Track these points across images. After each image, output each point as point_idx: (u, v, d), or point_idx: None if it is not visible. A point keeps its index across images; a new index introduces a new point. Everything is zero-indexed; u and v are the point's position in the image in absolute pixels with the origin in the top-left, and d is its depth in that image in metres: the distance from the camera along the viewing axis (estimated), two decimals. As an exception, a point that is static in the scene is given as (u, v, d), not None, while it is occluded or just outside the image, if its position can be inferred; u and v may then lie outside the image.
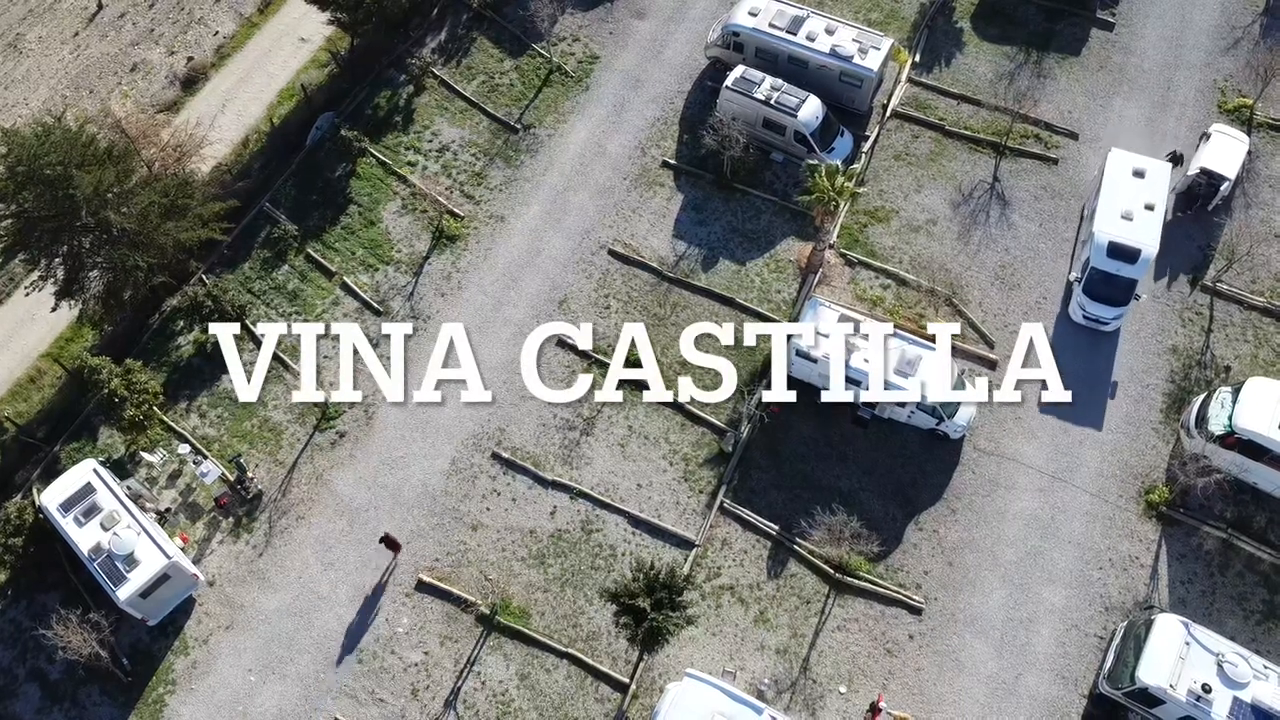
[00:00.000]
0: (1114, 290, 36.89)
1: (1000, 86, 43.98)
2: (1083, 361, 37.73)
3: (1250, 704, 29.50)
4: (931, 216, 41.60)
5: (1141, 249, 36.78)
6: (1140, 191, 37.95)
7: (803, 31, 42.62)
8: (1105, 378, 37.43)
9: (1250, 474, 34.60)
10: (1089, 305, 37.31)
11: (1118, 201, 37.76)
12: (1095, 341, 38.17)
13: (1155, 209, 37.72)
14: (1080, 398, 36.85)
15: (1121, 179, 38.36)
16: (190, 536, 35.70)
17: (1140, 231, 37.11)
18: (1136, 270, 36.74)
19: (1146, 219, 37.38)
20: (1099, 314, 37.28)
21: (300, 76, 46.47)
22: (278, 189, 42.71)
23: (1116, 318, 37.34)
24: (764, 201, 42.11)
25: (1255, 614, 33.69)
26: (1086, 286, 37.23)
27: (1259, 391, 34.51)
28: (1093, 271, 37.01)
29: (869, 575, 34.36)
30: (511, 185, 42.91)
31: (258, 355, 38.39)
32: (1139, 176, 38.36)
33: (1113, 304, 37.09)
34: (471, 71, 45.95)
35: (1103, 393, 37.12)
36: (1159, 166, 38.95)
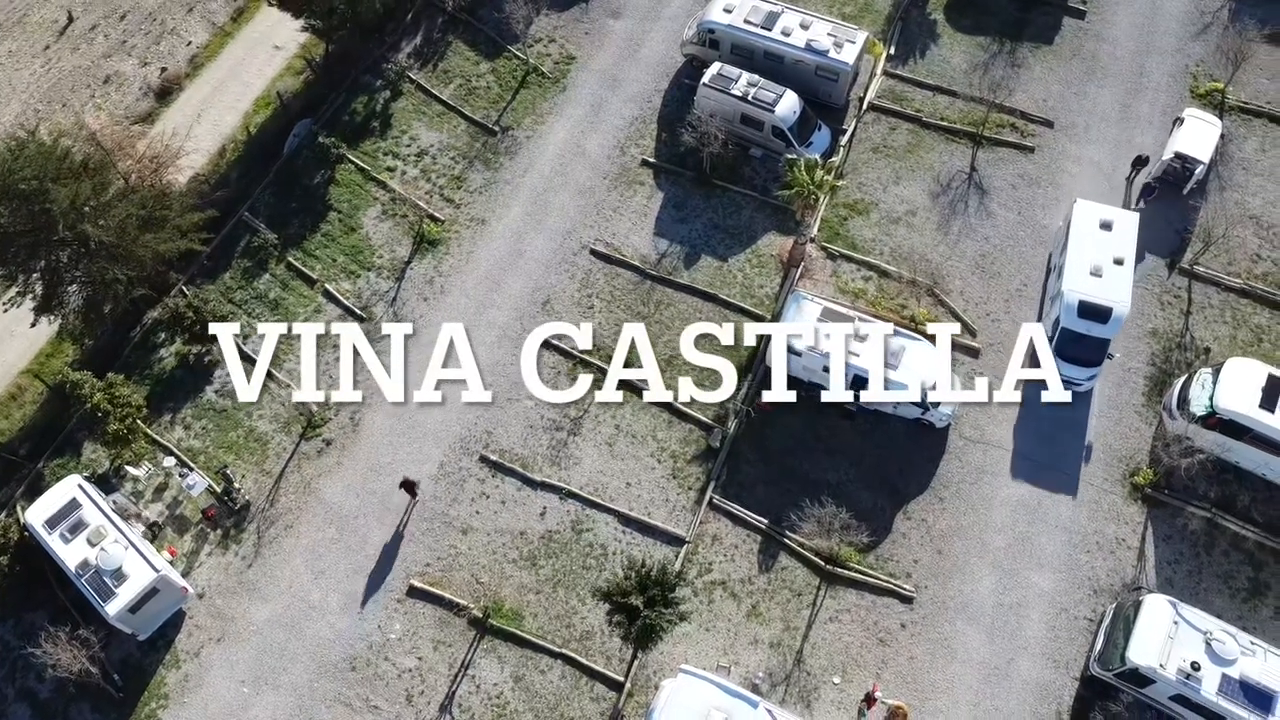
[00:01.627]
0: (1086, 351, 35.60)
1: (975, 77, 44.25)
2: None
3: (1239, 680, 29.81)
4: (911, 208, 41.82)
5: (1113, 307, 35.39)
6: (1108, 245, 36.62)
7: (778, 27, 42.76)
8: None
9: (1233, 453, 34.95)
10: (1061, 367, 35.56)
11: (1086, 256, 36.36)
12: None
13: (1125, 263, 36.33)
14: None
15: (1088, 232, 37.03)
16: (178, 549, 35.50)
17: (1111, 289, 35.68)
18: (1109, 329, 35.45)
19: (1116, 275, 36.02)
20: (1071, 375, 35.74)
21: (276, 84, 46.27)
22: (256, 198, 42.51)
23: (1090, 378, 36.12)
24: (744, 197, 42.22)
25: (1241, 591, 34.04)
26: (1058, 348, 35.67)
27: (1239, 372, 34.86)
28: (1063, 332, 35.59)
29: (859, 566, 34.52)
30: (491, 188, 42.86)
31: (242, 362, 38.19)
32: (1106, 229, 37.03)
33: (1085, 365, 35.78)
34: (448, 75, 45.86)
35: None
36: (1126, 218, 37.58)
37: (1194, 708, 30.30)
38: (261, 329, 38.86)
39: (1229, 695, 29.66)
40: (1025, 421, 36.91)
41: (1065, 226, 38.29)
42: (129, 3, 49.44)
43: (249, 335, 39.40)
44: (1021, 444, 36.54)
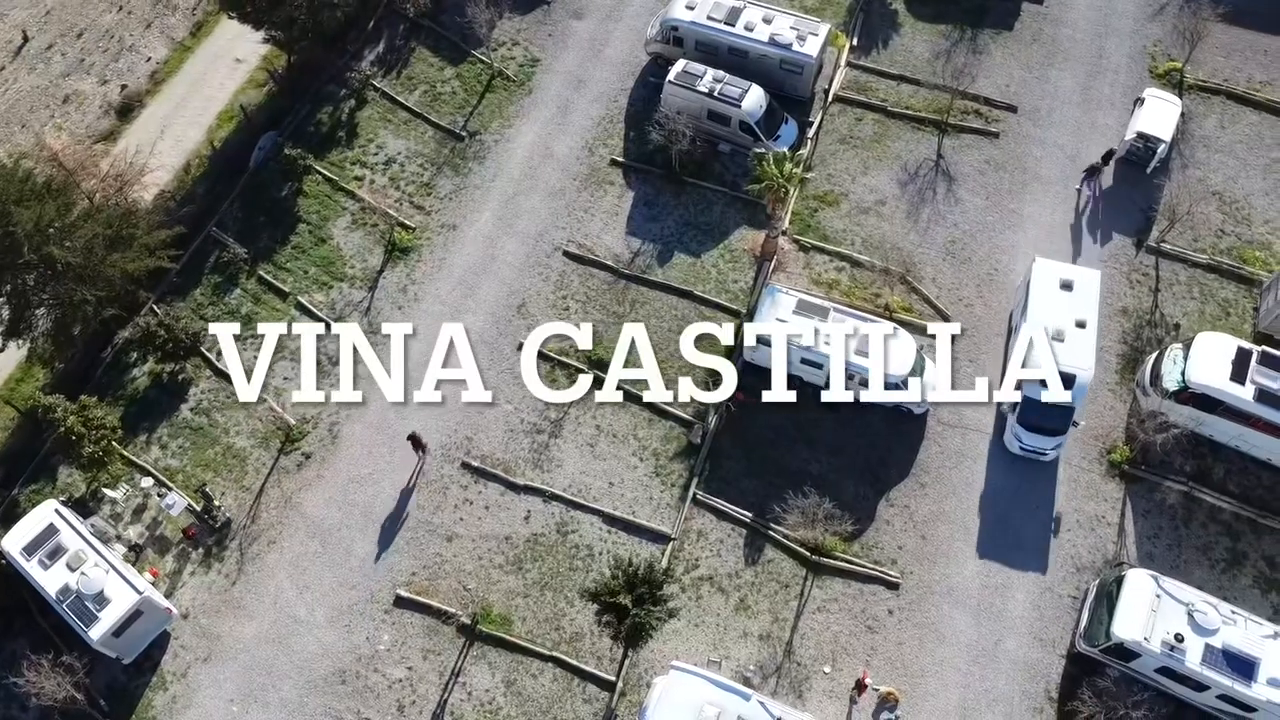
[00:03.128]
0: (1050, 420, 34.49)
1: (938, 65, 44.61)
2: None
3: (1221, 649, 30.24)
4: (880, 197, 42.10)
5: (1077, 374, 34.34)
6: (1070, 306, 35.47)
7: (741, 22, 42.91)
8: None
9: (1206, 427, 35.44)
10: (1025, 436, 34.98)
11: (1046, 319, 35.16)
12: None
13: (1088, 326, 35.24)
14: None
15: (1049, 292, 35.81)
16: (160, 570, 35.14)
17: (1073, 354, 34.62)
18: (1073, 397, 34.36)
19: (1079, 339, 34.93)
20: (1036, 445, 34.97)
21: (239, 97, 45.88)
22: (224, 212, 42.15)
23: (1055, 447, 35.07)
24: (714, 193, 42.33)
25: (1220, 562, 34.54)
26: (1021, 417, 34.82)
27: (1209, 346, 35.35)
28: (1027, 401, 34.58)
29: (845, 555, 34.71)
30: (461, 193, 42.73)
31: (219, 377, 37.94)
32: (1067, 289, 35.82)
33: (1050, 434, 34.77)
34: (413, 82, 45.66)
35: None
36: (1087, 276, 36.50)
37: (1179, 679, 30.71)
38: (262, 329, 38.62)
39: (1213, 664, 30.08)
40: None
41: (1024, 286, 37.02)
42: (85, 20, 48.86)
43: (223, 352, 39.03)
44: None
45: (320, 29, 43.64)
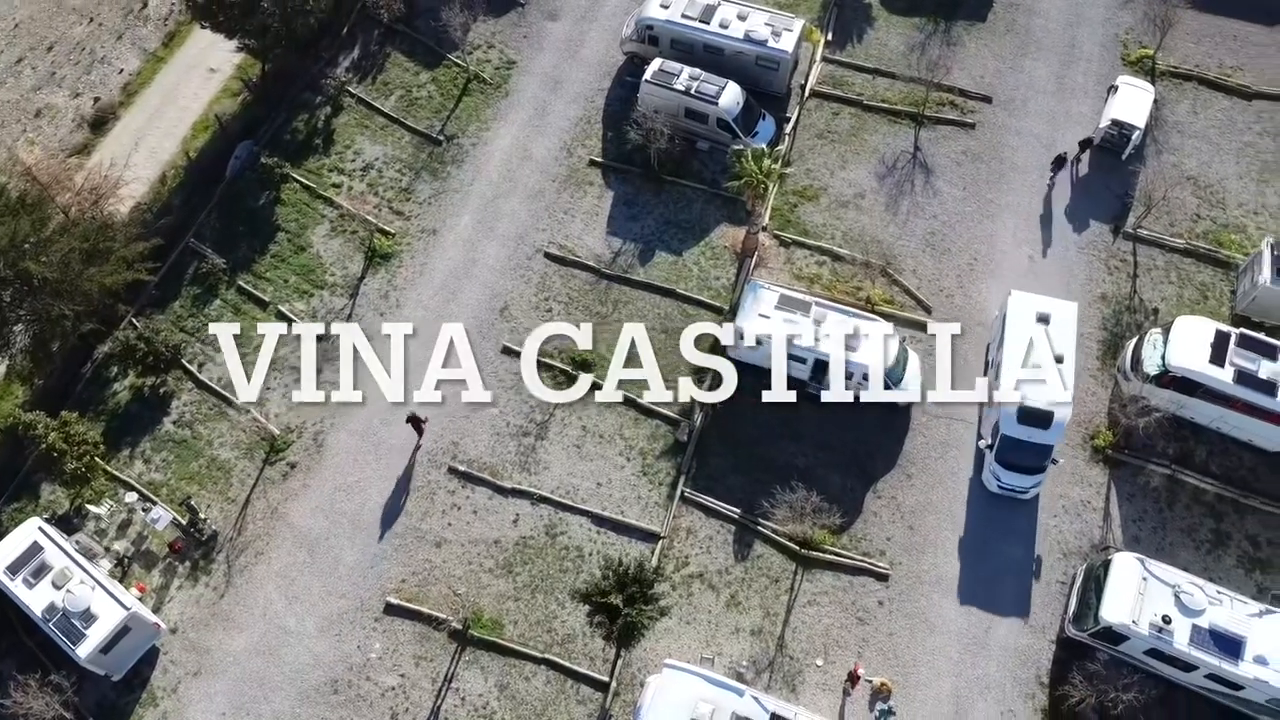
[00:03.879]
0: (1028, 458, 33.98)
1: (913, 57, 44.78)
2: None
3: (1208, 629, 30.53)
4: (859, 190, 42.24)
5: (1054, 411, 33.78)
6: (1047, 339, 34.94)
7: (715, 19, 42.97)
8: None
9: (1187, 409, 35.75)
10: (1003, 475, 34.43)
11: (1023, 354, 34.71)
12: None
13: (1065, 360, 34.67)
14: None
15: (1025, 326, 35.26)
16: (147, 585, 34.88)
17: (1052, 390, 34.05)
18: (1051, 435, 33.80)
19: (1057, 374, 34.38)
20: (1015, 484, 34.50)
21: (213, 107, 45.59)
22: (201, 223, 41.85)
23: (1034, 485, 34.56)
24: (694, 191, 42.38)
25: (1205, 543, 34.85)
26: (999, 455, 34.27)
27: (1188, 330, 35.67)
28: (1004, 439, 34.00)
29: (834, 548, 34.82)
30: (440, 197, 42.60)
31: (201, 389, 37.76)
32: (1044, 322, 35.28)
33: (1029, 472, 34.26)
34: (388, 87, 45.49)
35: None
36: (1064, 309, 35.90)
37: (1168, 660, 30.98)
38: (262, 329, 38.69)
39: (1200, 645, 30.36)
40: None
41: (1000, 319, 36.59)
42: (55, 33, 48.44)
43: (204, 364, 38.87)
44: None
45: (294, 36, 43.41)
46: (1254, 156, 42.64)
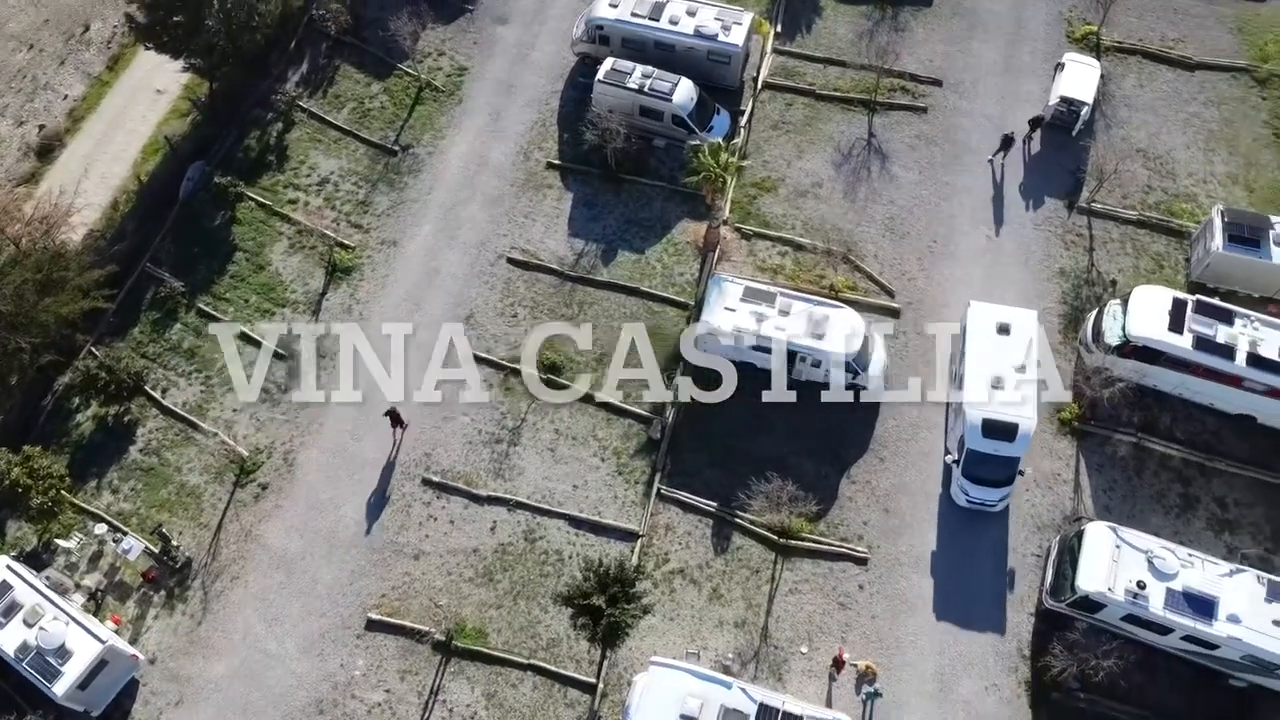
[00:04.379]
0: (995, 471, 33.78)
1: (862, 45, 45.14)
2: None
3: (1182, 592, 31.04)
4: (816, 180, 42.50)
5: (1019, 423, 33.53)
6: (1008, 351, 34.82)
7: (665, 16, 43.05)
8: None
9: (1150, 378, 36.32)
10: (971, 489, 34.24)
11: (985, 366, 34.49)
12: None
13: (1027, 370, 34.47)
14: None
15: (985, 338, 35.13)
16: (123, 617, 34.36)
17: (1015, 403, 33.95)
18: (1017, 447, 33.55)
19: (1019, 385, 34.27)
20: (983, 498, 34.29)
21: (162, 129, 44.98)
22: (157, 247, 41.29)
23: (1002, 499, 34.44)
24: (653, 188, 42.43)
25: (1174, 508, 35.45)
26: (965, 470, 34.11)
27: (1146, 299, 36.24)
28: (970, 454, 33.81)
29: (812, 535, 35.02)
30: (399, 208, 42.33)
31: (167, 416, 37.33)
32: (1004, 333, 35.16)
33: (996, 485, 34.08)
34: (340, 100, 45.13)
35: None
36: (1024, 317, 35.78)
37: (1145, 624, 31.46)
38: (262, 327, 39.12)
39: (1175, 607, 30.86)
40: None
41: (961, 331, 36.45)
42: (-6, 62, 47.59)
43: (168, 389, 38.36)
44: (951, 395, 37.50)
45: (240, 53, 42.98)
46: (1200, 126, 43.41)
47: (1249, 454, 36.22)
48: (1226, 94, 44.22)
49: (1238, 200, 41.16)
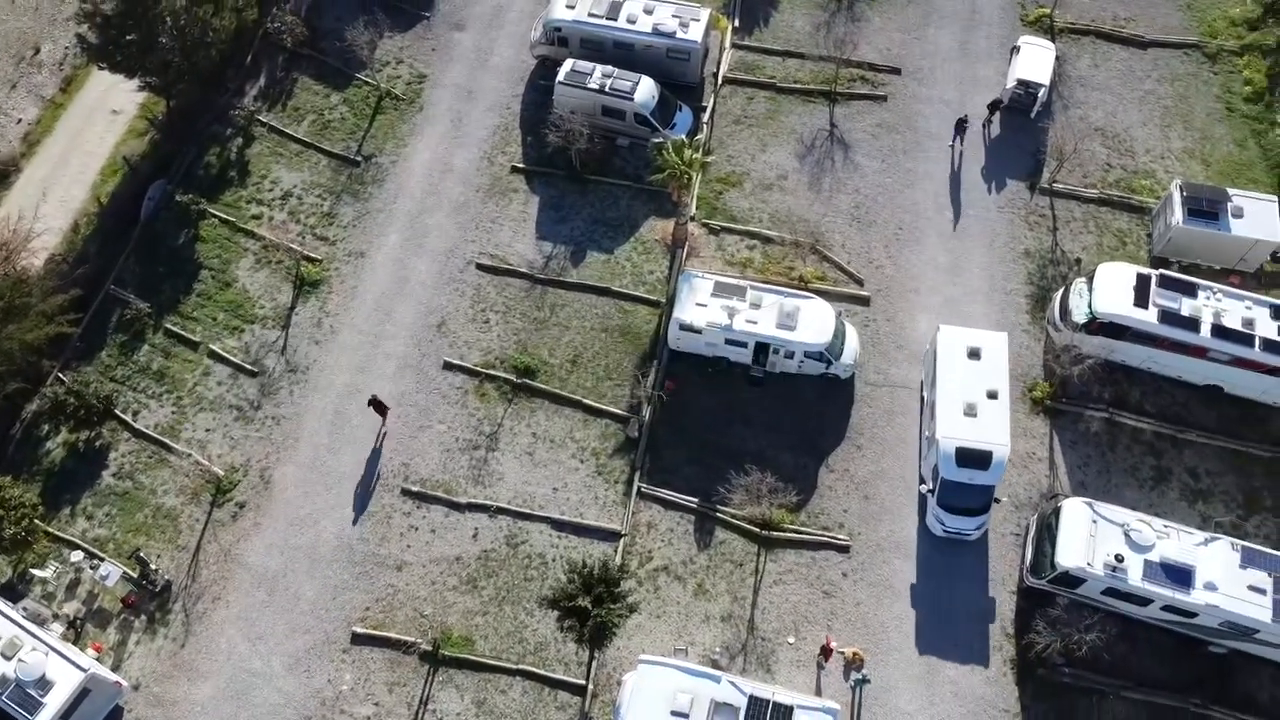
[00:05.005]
0: (970, 499, 33.36)
1: (820, 36, 45.40)
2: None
3: (1159, 563, 31.49)
4: (781, 172, 42.68)
5: (993, 451, 33.11)
6: (979, 376, 34.20)
7: (622, 15, 43.09)
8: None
9: (1117, 353, 36.79)
10: (947, 519, 33.83)
11: (957, 393, 33.96)
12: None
13: (999, 395, 33.87)
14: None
15: (956, 363, 34.57)
16: (104, 644, 33.94)
17: (987, 429, 33.36)
18: (991, 475, 33.11)
19: (991, 411, 33.64)
20: (959, 527, 33.88)
21: (120, 149, 44.45)
22: (121, 269, 40.81)
23: (979, 527, 34.01)
24: (619, 187, 42.45)
25: (1148, 481, 35.93)
26: (941, 499, 33.68)
27: (1110, 276, 36.71)
28: (944, 483, 33.38)
29: (793, 526, 35.18)
30: (364, 219, 42.08)
31: (138, 439, 36.93)
32: (974, 357, 34.58)
33: (972, 514, 33.64)
34: (299, 112, 44.79)
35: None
36: (994, 340, 35.22)
37: (1124, 597, 31.88)
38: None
39: (1153, 578, 31.31)
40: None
41: (931, 355, 35.97)
42: (-56, 89, 46.80)
43: (139, 412, 37.92)
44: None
45: (196, 70, 42.54)
46: (1155, 103, 44.02)
47: (1218, 424, 36.79)
48: (1179, 70, 44.88)
49: (1195, 174, 41.79)
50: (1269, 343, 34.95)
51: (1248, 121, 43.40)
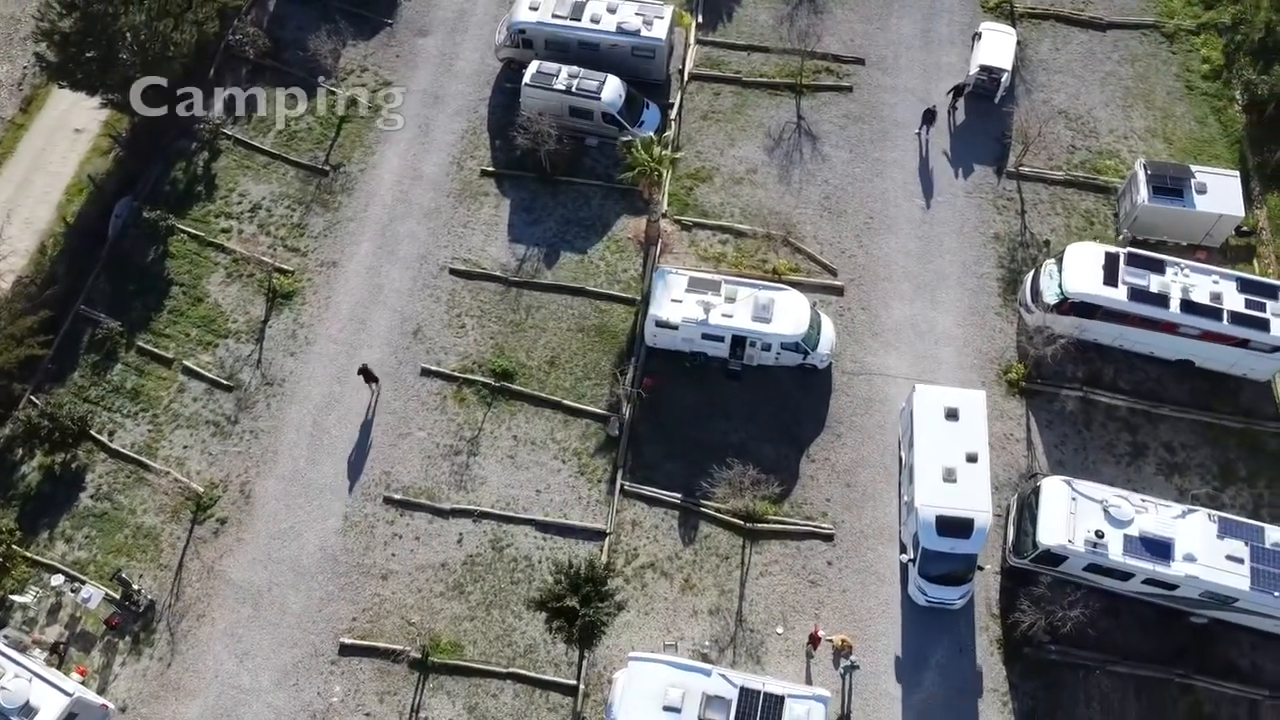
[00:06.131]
0: (953, 568, 32.38)
1: (783, 30, 45.57)
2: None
3: (1139, 537, 31.86)
4: (750, 166, 42.86)
5: (974, 518, 32.02)
6: (958, 439, 33.11)
7: (586, 15, 43.10)
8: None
9: (1089, 332, 37.20)
10: (929, 589, 32.77)
11: (935, 457, 32.86)
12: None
13: (979, 459, 32.82)
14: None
15: (934, 425, 33.48)
16: (88, 667, 33.61)
17: (968, 495, 32.28)
18: (973, 544, 32.06)
19: (972, 475, 32.56)
20: (943, 597, 32.78)
21: (85, 168, 44.03)
22: (90, 288, 40.38)
23: (963, 596, 32.96)
24: (589, 187, 42.47)
25: (1124, 457, 36.36)
26: (922, 570, 32.61)
27: (1079, 256, 37.10)
28: (925, 553, 32.31)
29: (777, 517, 35.32)
30: (335, 229, 41.88)
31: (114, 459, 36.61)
32: (952, 418, 33.50)
33: (955, 584, 32.68)
34: (265, 123, 44.49)
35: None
36: (972, 400, 34.19)
37: (1106, 572, 32.24)
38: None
39: (1134, 552, 31.68)
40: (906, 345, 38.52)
41: (908, 415, 34.96)
42: (-99, 114, 46.18)
43: (115, 432, 37.56)
44: (909, 368, 38.05)
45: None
46: (1116, 84, 44.52)
47: (1190, 397, 37.29)
48: (1138, 51, 45.43)
49: (1158, 153, 42.31)
50: (1237, 316, 35.43)
51: (1207, 99, 44.00)
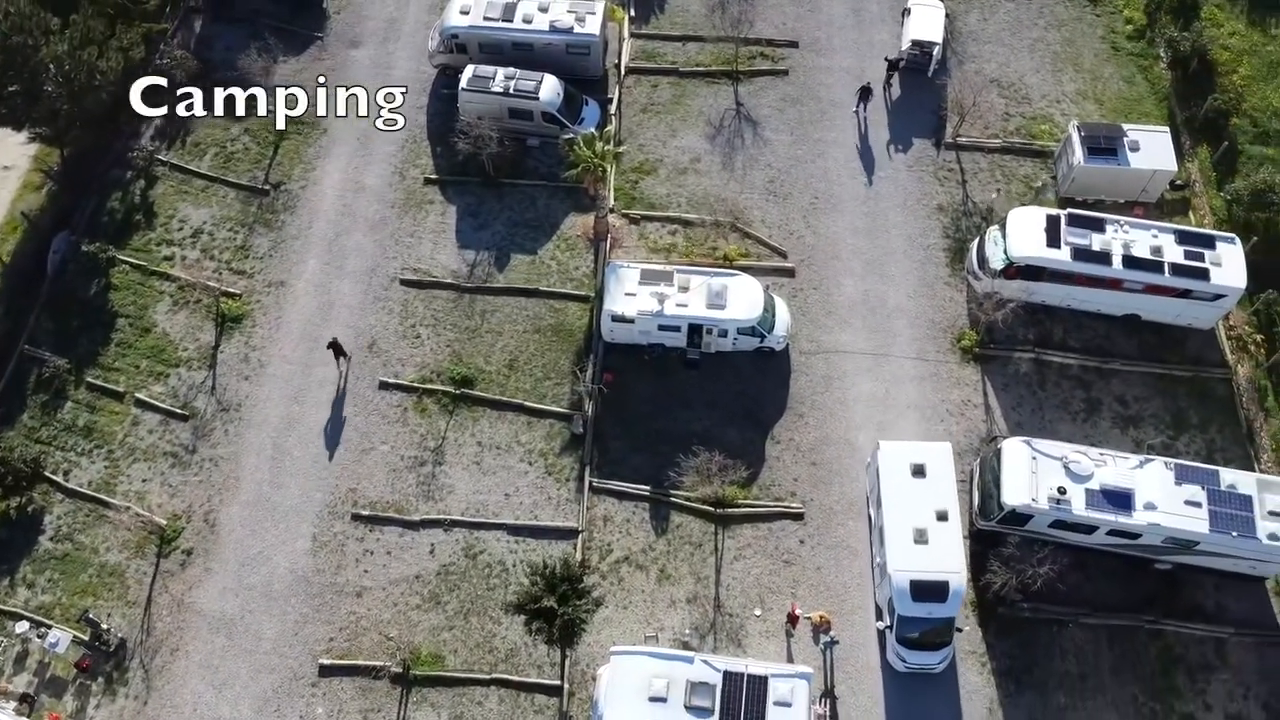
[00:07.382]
0: (930, 634, 31.56)
1: (716, 18, 45.80)
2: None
3: (1100, 490, 32.50)
4: (694, 155, 43.04)
5: (949, 580, 31.16)
6: (926, 497, 32.30)
7: (518, 16, 42.98)
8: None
9: (1037, 294, 37.89)
10: (909, 655, 31.88)
11: (904, 517, 32.01)
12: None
13: (950, 516, 32.01)
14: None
15: (900, 483, 32.62)
16: (61, 714, 32.91)
17: (941, 556, 31.42)
18: (949, 606, 31.14)
19: (943, 535, 31.73)
20: (922, 661, 31.95)
21: (17, 205, 42.99)
22: (32, 327, 39.51)
23: (942, 660, 32.09)
24: (535, 188, 42.38)
25: (1080, 413, 37.09)
26: (899, 636, 31.71)
27: (1021, 220, 37.78)
28: (901, 620, 31.43)
29: (746, 500, 35.56)
30: (280, 248, 41.36)
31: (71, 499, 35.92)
32: (919, 475, 32.67)
33: (934, 649, 31.83)
34: (200, 147, 43.80)
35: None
36: (938, 453, 33.32)
37: (1071, 527, 32.85)
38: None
39: (1096, 506, 32.31)
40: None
41: (874, 473, 33.89)
42: None
43: (70, 471, 36.80)
44: (865, 343, 38.49)
45: (87, 115, 41.30)
46: (1045, 50, 45.35)
47: (1139, 350, 38.16)
48: (1064, 16, 46.31)
49: (1090, 114, 43.16)
50: (1177, 267, 36.28)
51: (1133, 58, 44.98)
